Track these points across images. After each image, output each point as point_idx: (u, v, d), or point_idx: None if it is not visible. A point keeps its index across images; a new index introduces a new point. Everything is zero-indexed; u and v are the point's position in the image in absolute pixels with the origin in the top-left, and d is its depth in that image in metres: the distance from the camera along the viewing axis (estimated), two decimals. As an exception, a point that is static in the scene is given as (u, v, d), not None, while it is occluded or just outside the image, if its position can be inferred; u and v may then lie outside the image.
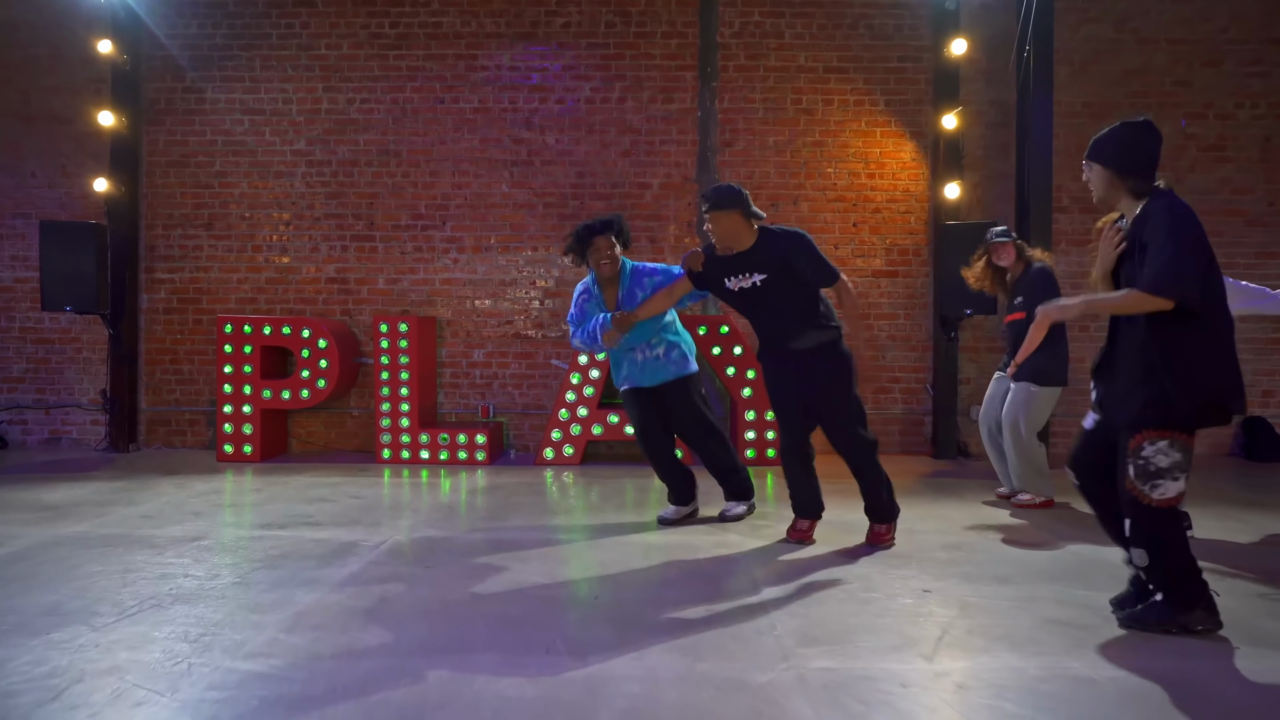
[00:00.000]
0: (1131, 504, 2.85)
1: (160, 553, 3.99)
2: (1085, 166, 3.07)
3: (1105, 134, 3.02)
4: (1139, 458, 2.82)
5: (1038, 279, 4.99)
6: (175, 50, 7.39)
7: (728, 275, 4.10)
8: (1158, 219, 2.80)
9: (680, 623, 3.03)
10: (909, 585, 3.49)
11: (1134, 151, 2.94)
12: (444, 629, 2.96)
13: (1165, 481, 2.80)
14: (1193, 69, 7.27)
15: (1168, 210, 2.81)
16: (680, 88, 7.31)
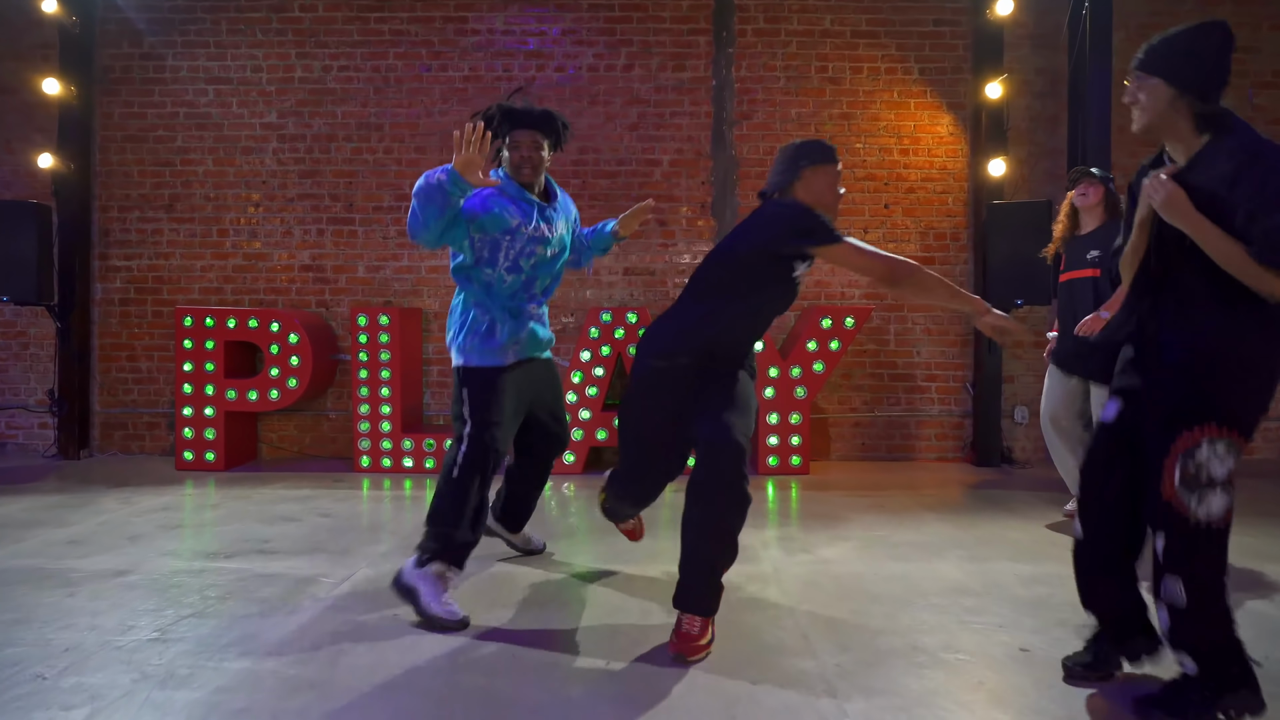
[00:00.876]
0: (1170, 520, 2.14)
1: (72, 594, 3.26)
2: (1134, 81, 2.30)
3: (1169, 38, 2.27)
4: (1191, 460, 2.11)
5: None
6: (132, 13, 6.65)
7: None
8: (1257, 164, 2.08)
9: (719, 705, 2.31)
10: (996, 639, 2.78)
11: (1210, 64, 2.21)
12: (410, 715, 2.24)
13: (1215, 495, 2.10)
14: (1260, 33, 6.57)
15: (1272, 152, 2.09)
16: (693, 54, 6.57)
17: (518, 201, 3.14)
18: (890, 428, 6.60)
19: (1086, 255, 4.20)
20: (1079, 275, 4.23)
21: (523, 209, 3.14)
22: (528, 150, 3.15)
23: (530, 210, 3.16)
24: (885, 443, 6.58)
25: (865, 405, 6.57)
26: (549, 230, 3.21)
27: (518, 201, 3.14)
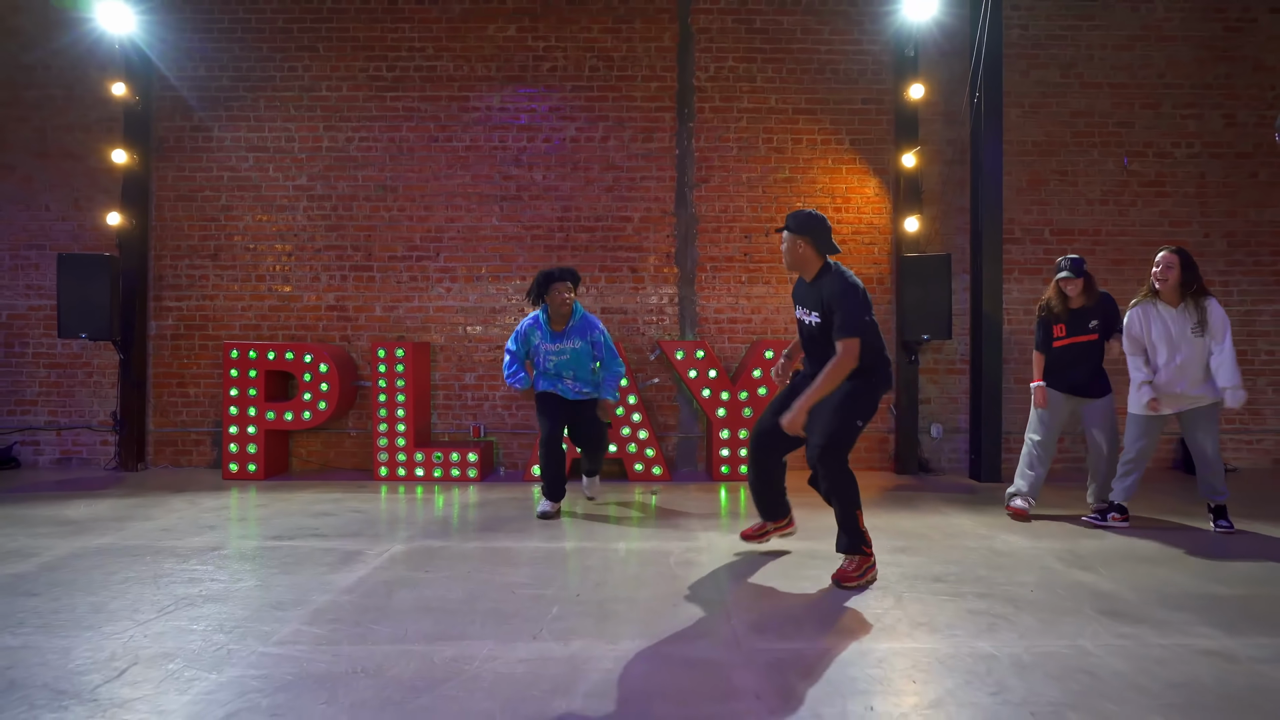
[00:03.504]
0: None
1: (184, 561, 4.41)
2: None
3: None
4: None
5: (1111, 305, 5.56)
6: (184, 91, 7.86)
7: (797, 304, 4.18)
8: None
9: (650, 615, 3.49)
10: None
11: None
12: (445, 622, 3.41)
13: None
14: (1133, 111, 7.85)
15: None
16: (659, 128, 7.83)
17: (541, 328, 5.78)
18: (827, 442, 7.79)
19: (1088, 325, 5.48)
20: (1081, 340, 5.51)
21: (543, 334, 5.76)
22: (564, 294, 5.67)
23: (548, 336, 5.75)
24: (822, 454, 7.77)
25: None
26: (563, 345, 5.74)
27: (541, 328, 5.78)
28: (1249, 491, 6.62)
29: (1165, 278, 5.00)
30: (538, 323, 5.81)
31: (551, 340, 5.77)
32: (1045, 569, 4.22)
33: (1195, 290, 4.99)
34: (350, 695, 2.67)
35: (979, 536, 5.00)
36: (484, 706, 2.59)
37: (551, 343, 5.77)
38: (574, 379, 5.84)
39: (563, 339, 5.76)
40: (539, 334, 5.81)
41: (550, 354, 5.78)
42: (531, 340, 5.84)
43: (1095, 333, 5.49)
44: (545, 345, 5.78)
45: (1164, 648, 3.06)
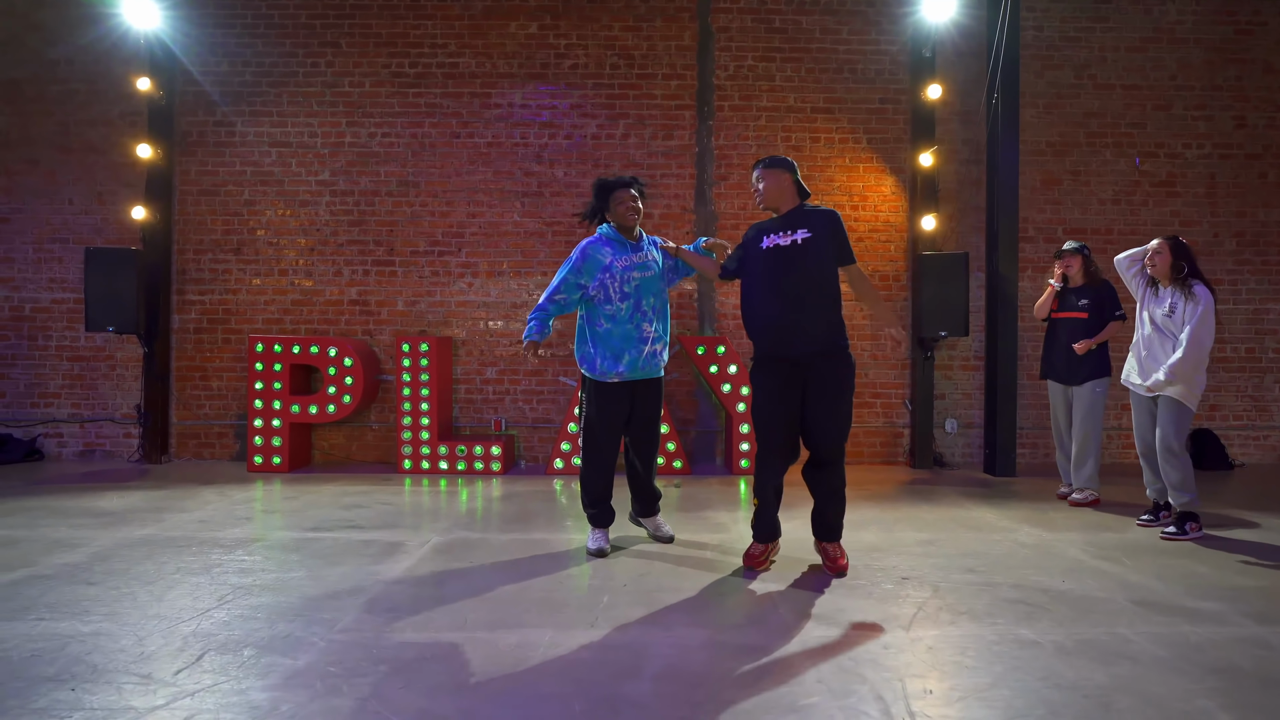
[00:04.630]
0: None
1: (230, 552, 4.51)
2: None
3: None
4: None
5: (1109, 291, 5.94)
6: (208, 86, 7.92)
7: (767, 233, 4.03)
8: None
9: (699, 604, 3.60)
10: (890, 574, 4.08)
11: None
12: (501, 611, 3.51)
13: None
14: (1145, 112, 7.97)
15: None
16: (679, 126, 7.93)
17: (611, 243, 4.36)
18: (843, 436, 7.92)
19: (1078, 303, 5.97)
20: (1071, 316, 5.98)
21: (615, 249, 4.34)
22: (634, 202, 4.37)
23: (623, 249, 4.35)
24: (838, 449, 7.90)
25: (822, 418, 7.89)
26: (644, 257, 4.36)
27: (611, 243, 4.36)
28: (1256, 487, 6.77)
29: (1154, 263, 5.05)
30: (602, 239, 4.37)
31: (631, 250, 4.34)
32: (1072, 560, 4.34)
33: (1185, 275, 4.95)
34: (425, 680, 2.78)
35: (1002, 529, 5.13)
36: (558, 690, 2.69)
37: (632, 253, 4.34)
38: (654, 312, 4.37)
39: (643, 248, 4.41)
40: (608, 251, 4.29)
41: (633, 270, 4.29)
42: (598, 262, 4.26)
43: (1084, 312, 5.89)
44: (622, 260, 4.27)
45: (1200, 635, 3.19)
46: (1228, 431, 7.91)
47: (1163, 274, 5.04)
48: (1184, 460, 4.92)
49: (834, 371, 3.95)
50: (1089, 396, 5.84)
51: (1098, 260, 7.79)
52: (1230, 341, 7.96)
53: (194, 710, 2.55)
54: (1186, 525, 4.89)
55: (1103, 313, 5.88)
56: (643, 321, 4.33)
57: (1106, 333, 5.84)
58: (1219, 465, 7.54)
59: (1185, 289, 4.93)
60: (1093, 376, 5.84)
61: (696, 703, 2.60)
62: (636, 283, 4.31)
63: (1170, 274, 5.01)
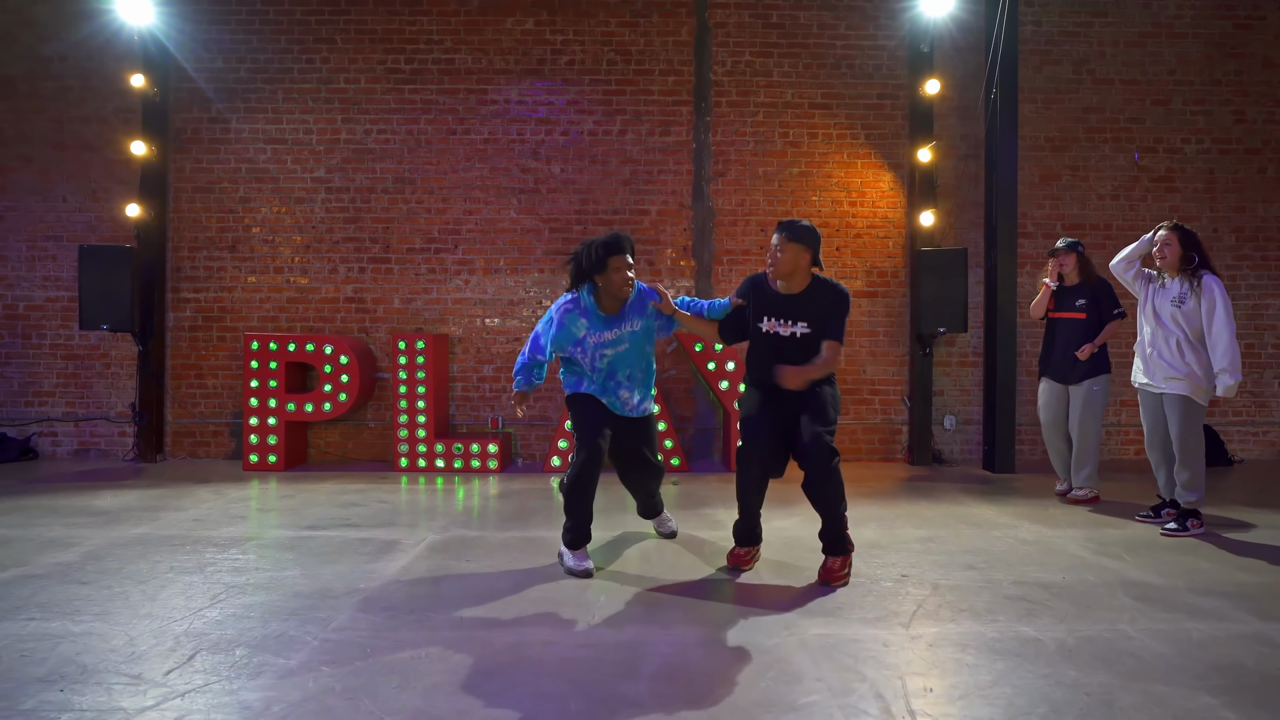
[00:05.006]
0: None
1: (224, 550, 4.47)
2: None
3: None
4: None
5: (1105, 289, 5.83)
6: (202, 83, 7.87)
7: (766, 315, 4.00)
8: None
9: (697, 602, 3.57)
10: (890, 571, 4.05)
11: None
12: (498, 609, 3.48)
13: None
14: (1144, 107, 7.94)
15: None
16: (677, 121, 7.89)
17: (588, 314, 4.10)
18: (841, 434, 7.88)
19: (1075, 303, 5.85)
20: (1068, 316, 5.88)
21: (591, 321, 4.09)
22: (627, 273, 4.04)
23: (598, 324, 4.09)
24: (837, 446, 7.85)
25: (820, 415, 7.85)
26: (620, 332, 4.13)
27: (588, 314, 4.10)
28: (1256, 483, 6.74)
29: (1164, 254, 4.94)
30: (580, 306, 4.10)
31: (606, 327, 4.12)
32: (1072, 556, 4.31)
33: (1196, 266, 4.85)
34: (421, 679, 2.74)
35: (1002, 526, 5.10)
36: (554, 689, 2.66)
37: (606, 329, 4.12)
38: (630, 381, 4.25)
39: (620, 323, 4.14)
40: (583, 323, 4.09)
41: (604, 348, 4.14)
42: (571, 335, 4.10)
43: (1082, 312, 5.79)
44: (596, 336, 4.11)
45: (1202, 632, 3.16)
46: (1227, 427, 7.89)
47: (1172, 265, 4.92)
48: (1199, 459, 4.88)
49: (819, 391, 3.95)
50: (1088, 394, 5.77)
51: (1098, 256, 7.79)
52: (1229, 337, 7.94)
53: (184, 711, 2.52)
54: (1188, 522, 4.86)
55: (1101, 312, 5.78)
56: (619, 390, 4.26)
57: (1107, 333, 5.75)
58: (1219, 461, 7.51)
59: (1194, 280, 4.82)
60: (1091, 374, 5.77)
61: (694, 702, 2.57)
62: (609, 359, 4.19)
63: (1180, 265, 4.89)
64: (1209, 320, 4.77)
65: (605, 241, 4.03)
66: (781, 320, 3.96)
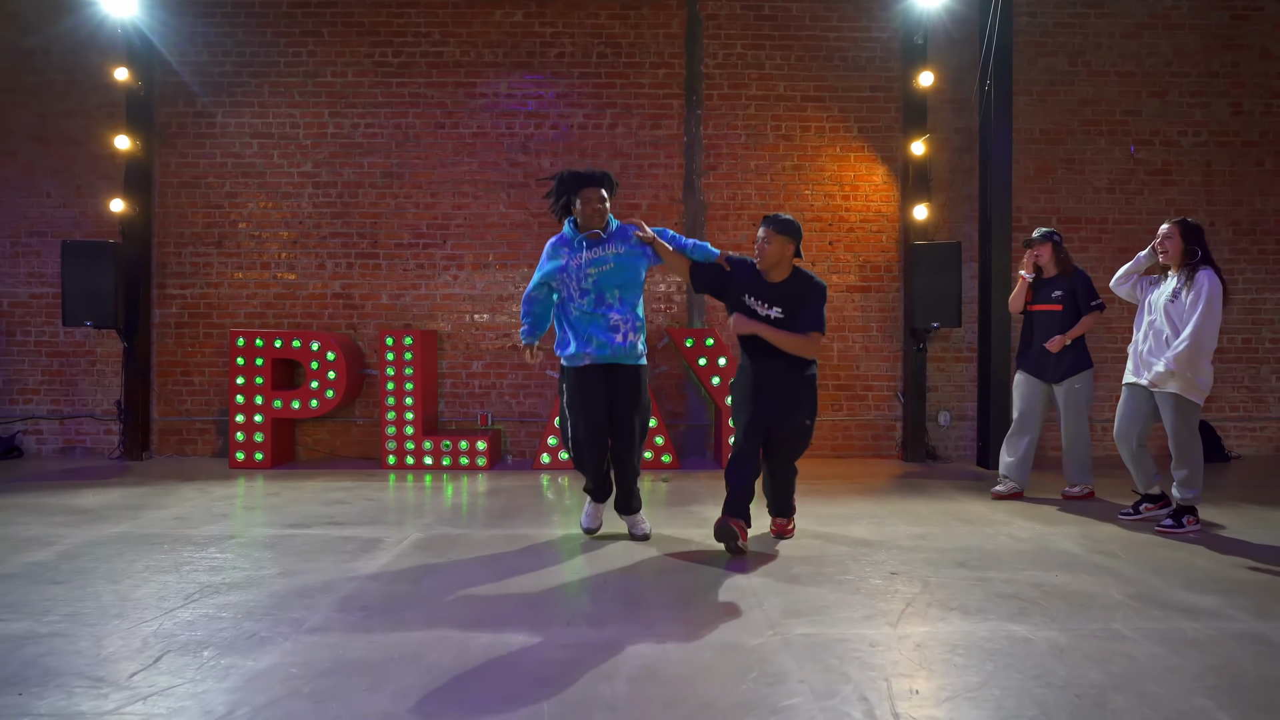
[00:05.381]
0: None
1: (203, 549, 4.38)
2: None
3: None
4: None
5: (1083, 280, 5.66)
6: (187, 77, 7.77)
7: (749, 294, 4.32)
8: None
9: (680, 600, 3.48)
10: (880, 569, 3.97)
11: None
12: (477, 609, 3.40)
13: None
14: (1140, 99, 7.86)
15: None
16: (667, 115, 7.80)
17: (569, 243, 4.32)
18: (834, 430, 7.81)
19: (1051, 295, 5.72)
20: (1045, 309, 5.72)
21: (571, 249, 4.30)
22: (598, 204, 4.26)
23: (580, 247, 4.29)
24: (830, 443, 7.79)
25: (814, 411, 7.75)
26: (603, 252, 4.28)
27: (569, 243, 4.32)
28: (1252, 479, 6.67)
29: (1165, 248, 4.83)
30: (563, 238, 4.35)
31: (587, 248, 4.28)
32: (1066, 554, 4.23)
33: (1198, 260, 4.71)
34: (392, 681, 2.66)
35: (995, 522, 5.02)
36: (529, 691, 2.58)
37: (587, 250, 4.28)
38: (622, 304, 4.33)
39: (602, 245, 4.30)
40: (565, 252, 4.30)
41: (588, 266, 4.26)
42: (557, 264, 4.30)
43: (1058, 304, 5.64)
44: (579, 257, 4.26)
45: (1197, 631, 3.08)
46: (1224, 423, 7.81)
47: (1174, 260, 4.80)
48: (1197, 456, 4.78)
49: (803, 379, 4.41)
50: (1069, 394, 5.60)
51: (1094, 250, 7.73)
52: (1226, 332, 7.83)
53: (146, 714, 2.43)
54: (1184, 519, 4.78)
55: (1078, 303, 5.60)
56: (609, 312, 4.33)
57: (1082, 326, 5.55)
58: (1215, 457, 7.42)
59: (1191, 274, 4.70)
60: (1073, 372, 5.59)
61: (672, 704, 2.49)
62: (594, 278, 4.29)
63: (1181, 259, 4.77)
64: (1190, 311, 4.63)
65: (578, 173, 4.36)
66: (761, 301, 4.32)
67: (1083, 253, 7.72)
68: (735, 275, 4.39)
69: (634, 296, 4.43)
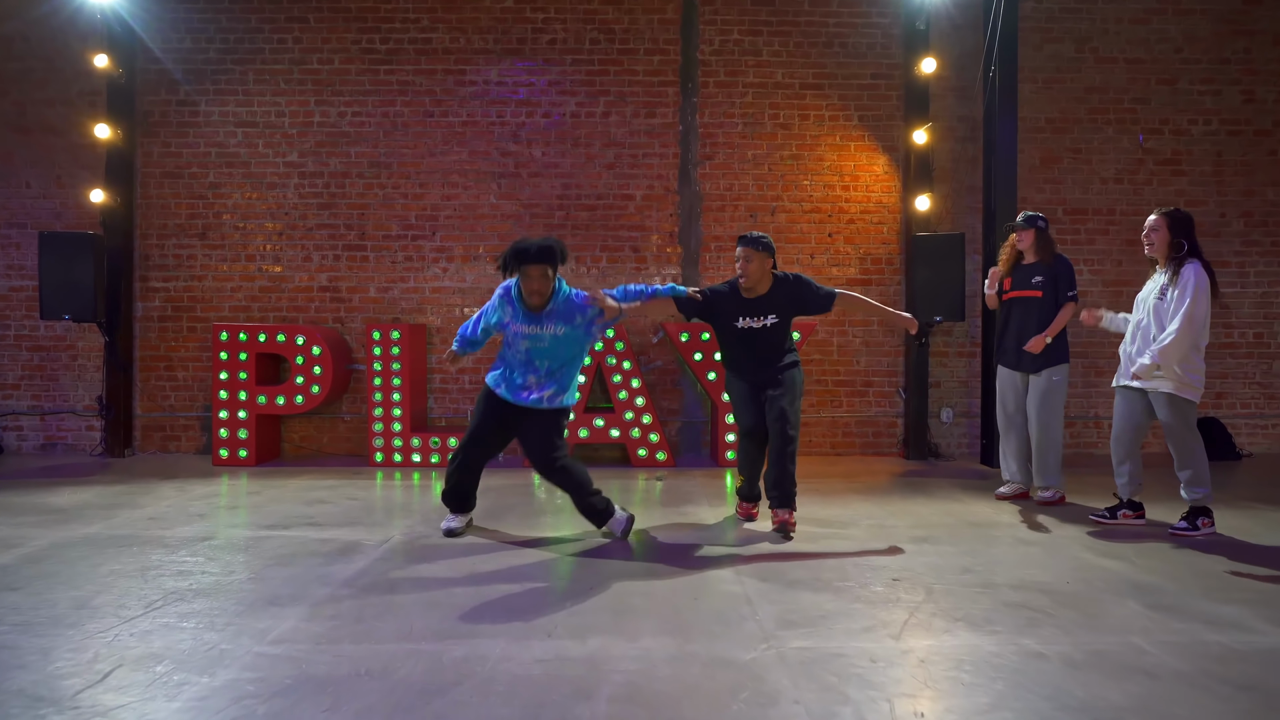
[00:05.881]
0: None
1: (174, 552, 4.19)
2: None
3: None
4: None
5: (1064, 267, 5.33)
6: (170, 64, 7.56)
7: (741, 316, 4.63)
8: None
9: (669, 609, 3.29)
10: (880, 575, 3.78)
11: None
12: (453, 618, 3.20)
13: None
14: (1149, 86, 7.64)
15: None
16: (662, 103, 7.58)
17: (514, 305, 4.37)
18: (834, 427, 7.61)
19: (1031, 280, 5.39)
20: (1024, 295, 5.39)
21: (515, 311, 4.37)
22: (537, 284, 4.27)
23: (519, 316, 4.36)
24: (829, 440, 7.60)
25: (812, 408, 7.56)
26: (540, 330, 4.34)
27: (514, 305, 4.37)
28: (1265, 477, 6.47)
29: (1151, 241, 4.63)
30: (508, 295, 4.40)
31: (525, 321, 4.37)
32: (1075, 558, 4.04)
33: (1185, 253, 4.51)
34: (355, 700, 2.47)
35: (1001, 525, 4.82)
36: (501, 713, 2.38)
37: (525, 323, 4.37)
38: (549, 377, 4.43)
39: (541, 321, 4.36)
40: (509, 311, 4.39)
41: (522, 338, 4.39)
42: (500, 317, 4.44)
43: (1038, 290, 5.32)
44: (516, 326, 4.39)
45: (1222, 645, 2.88)
46: (1235, 420, 7.61)
47: (1160, 252, 4.62)
48: (1198, 454, 4.57)
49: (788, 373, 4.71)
50: (1046, 385, 5.28)
51: (1101, 242, 7.52)
52: (1238, 326, 7.65)
53: (84, 740, 2.24)
54: (1198, 521, 4.58)
55: (1058, 291, 5.28)
56: (528, 374, 4.44)
57: (1060, 320, 5.23)
58: (1226, 455, 7.23)
59: (1176, 269, 4.50)
60: (1050, 364, 5.28)
61: (657, 727, 2.29)
62: (526, 349, 4.41)
63: (1168, 252, 4.58)
64: (1176, 306, 4.43)
65: (521, 249, 4.26)
66: (754, 317, 4.64)
67: (1089, 245, 7.53)
68: (716, 305, 4.71)
69: (566, 370, 4.50)
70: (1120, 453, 4.80)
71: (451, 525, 4.61)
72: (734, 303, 4.66)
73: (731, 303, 4.66)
